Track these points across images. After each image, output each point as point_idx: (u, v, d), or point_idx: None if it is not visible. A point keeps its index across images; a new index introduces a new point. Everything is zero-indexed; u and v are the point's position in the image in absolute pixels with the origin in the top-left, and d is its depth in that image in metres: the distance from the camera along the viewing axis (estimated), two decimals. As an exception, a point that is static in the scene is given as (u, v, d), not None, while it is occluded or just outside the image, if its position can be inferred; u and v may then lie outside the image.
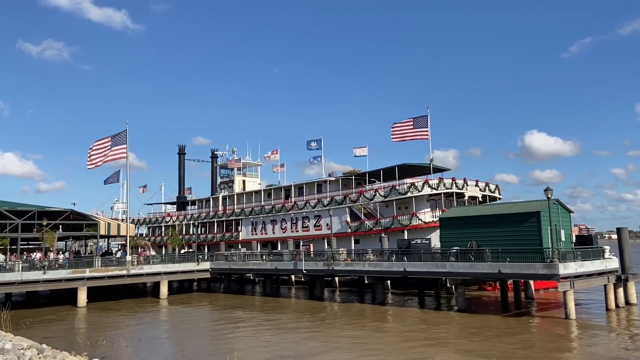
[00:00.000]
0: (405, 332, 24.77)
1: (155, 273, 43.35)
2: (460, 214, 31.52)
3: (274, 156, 63.71)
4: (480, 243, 29.37)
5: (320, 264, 37.68)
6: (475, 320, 27.20)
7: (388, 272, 33.22)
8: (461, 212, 31.77)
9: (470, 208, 31.69)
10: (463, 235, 30.43)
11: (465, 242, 30.19)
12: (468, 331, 24.46)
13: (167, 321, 33.23)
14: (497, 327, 25.45)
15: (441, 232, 32.68)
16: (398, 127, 50.88)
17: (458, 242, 30.47)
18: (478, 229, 29.78)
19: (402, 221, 45.39)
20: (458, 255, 29.38)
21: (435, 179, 45.81)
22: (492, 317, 28.14)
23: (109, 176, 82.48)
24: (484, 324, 25.96)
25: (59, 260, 40.84)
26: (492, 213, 29.69)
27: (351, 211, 50.30)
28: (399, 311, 32.22)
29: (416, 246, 32.30)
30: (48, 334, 26.53)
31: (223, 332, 26.72)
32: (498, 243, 28.12)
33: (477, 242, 29.49)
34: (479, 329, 24.80)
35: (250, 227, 61.30)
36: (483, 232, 29.53)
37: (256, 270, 43.00)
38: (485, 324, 25.96)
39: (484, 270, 28.06)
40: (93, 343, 23.45)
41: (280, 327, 27.35)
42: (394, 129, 51.03)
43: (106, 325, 29.71)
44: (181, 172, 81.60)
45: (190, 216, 71.60)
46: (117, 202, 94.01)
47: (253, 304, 37.91)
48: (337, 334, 24.94)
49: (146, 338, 25.40)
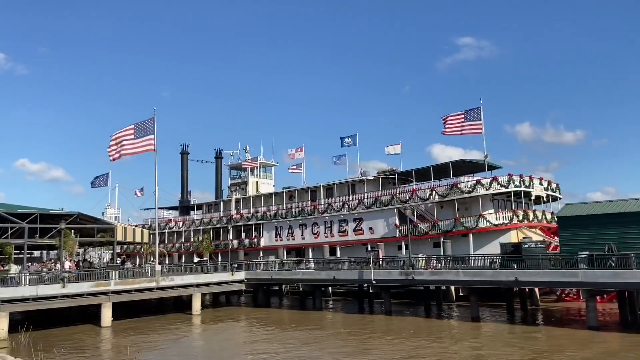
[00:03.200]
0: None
1: (187, 285, 37.08)
2: (588, 211, 26.54)
3: (298, 154, 57.82)
4: (620, 247, 24.41)
5: (395, 272, 32.14)
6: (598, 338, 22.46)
7: (492, 282, 27.92)
8: (587, 209, 26.82)
9: (598, 205, 26.85)
10: (594, 238, 25.44)
11: (595, 246, 25.16)
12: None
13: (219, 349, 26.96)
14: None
15: (561, 234, 27.64)
16: (450, 120, 46.03)
17: (586, 245, 25.42)
18: (617, 230, 24.84)
19: (465, 223, 40.28)
20: (594, 261, 24.29)
21: (505, 176, 40.87)
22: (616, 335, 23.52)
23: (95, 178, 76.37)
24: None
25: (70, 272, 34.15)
26: (637, 210, 24.71)
27: (400, 213, 44.92)
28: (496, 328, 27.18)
29: (530, 251, 27.11)
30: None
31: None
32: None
33: (616, 245, 24.50)
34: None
35: (273, 232, 55.24)
36: (624, 233, 24.58)
37: (307, 280, 37.10)
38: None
39: (636, 279, 22.98)
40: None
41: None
42: (446, 122, 46.16)
43: (143, 350, 23.82)
44: (184, 174, 74.64)
45: (199, 221, 65.05)
46: (109, 206, 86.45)
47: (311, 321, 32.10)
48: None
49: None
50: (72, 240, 34.85)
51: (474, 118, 45.40)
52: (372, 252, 34.67)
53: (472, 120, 45.41)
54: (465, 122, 45.56)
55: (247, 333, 29.39)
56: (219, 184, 75.82)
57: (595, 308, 25.26)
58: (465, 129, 45.24)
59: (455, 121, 45.84)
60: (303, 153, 57.79)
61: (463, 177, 44.07)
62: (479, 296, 29.26)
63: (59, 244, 34.09)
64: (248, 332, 29.74)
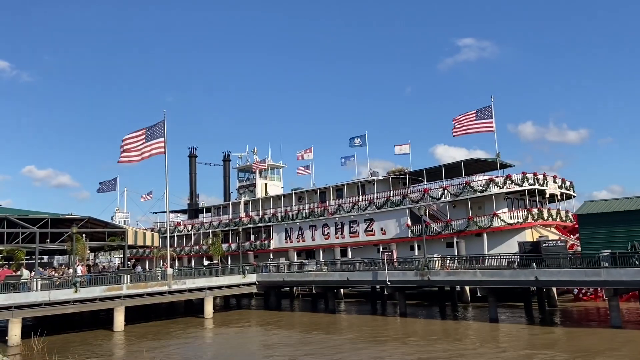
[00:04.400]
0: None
1: (199, 288, 36.71)
2: (609, 209, 25.97)
3: (307, 155, 57.36)
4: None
5: (410, 273, 31.63)
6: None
7: (510, 281, 27.37)
8: (608, 207, 26.25)
9: (618, 202, 26.28)
10: (615, 235, 24.88)
11: (617, 244, 24.62)
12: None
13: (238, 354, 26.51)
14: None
15: (581, 232, 27.09)
16: (461, 120, 45.51)
17: (608, 243, 24.88)
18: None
19: (479, 223, 39.73)
20: (617, 259, 23.73)
21: (519, 174, 40.30)
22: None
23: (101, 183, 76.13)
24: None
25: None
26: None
27: (412, 213, 44.42)
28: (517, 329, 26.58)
29: (549, 249, 26.56)
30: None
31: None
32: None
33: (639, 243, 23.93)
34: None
35: (283, 234, 54.83)
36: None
37: (320, 282, 36.63)
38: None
39: (662, 277, 22.41)
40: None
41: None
42: (456, 122, 45.61)
43: (161, 356, 23.46)
44: (192, 177, 74.37)
45: (208, 224, 64.72)
46: (118, 211, 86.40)
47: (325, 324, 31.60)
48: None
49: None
50: (83, 245, 34.50)
51: (485, 116, 44.88)
52: (386, 253, 34.12)
53: (483, 118, 44.92)
54: (476, 120, 45.08)
55: (264, 337, 28.87)
56: (227, 187, 75.53)
57: (619, 307, 24.67)
58: (477, 128, 44.73)
59: (466, 120, 45.33)
60: (312, 154, 57.32)
61: (475, 175, 43.59)
62: (497, 297, 28.73)
63: (70, 249, 33.74)
64: (264, 335, 29.22)
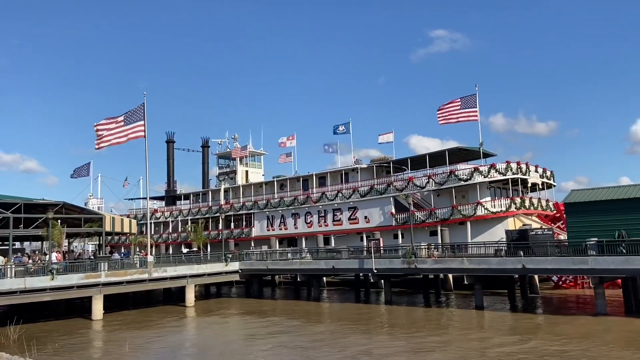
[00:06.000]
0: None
1: (181, 276, 35.88)
2: (596, 197, 26.05)
3: (289, 142, 56.63)
4: (629, 233, 24.02)
5: (396, 261, 31.41)
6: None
7: (498, 269, 27.38)
8: (595, 195, 26.33)
9: (605, 191, 26.39)
10: (602, 224, 25.01)
11: (604, 232, 24.76)
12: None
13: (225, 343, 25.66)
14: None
15: (568, 220, 27.18)
16: (445, 109, 45.39)
17: (594, 232, 25.00)
18: (626, 215, 24.42)
19: (463, 211, 39.78)
20: (604, 247, 23.86)
21: (503, 163, 40.39)
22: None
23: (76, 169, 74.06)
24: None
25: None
26: (650, 195, 24.29)
27: (396, 201, 44.25)
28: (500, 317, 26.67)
29: (537, 237, 26.59)
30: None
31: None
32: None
33: (626, 231, 24.11)
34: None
35: (265, 221, 54.18)
36: (634, 219, 24.15)
37: (305, 270, 36.18)
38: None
39: (649, 265, 22.60)
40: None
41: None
42: (440, 111, 45.48)
43: (144, 345, 22.73)
44: (170, 163, 72.84)
45: (187, 211, 63.59)
46: (91, 197, 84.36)
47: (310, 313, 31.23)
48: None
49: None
50: (59, 231, 33.30)
51: (470, 105, 44.90)
52: (373, 241, 33.85)
53: (468, 107, 44.90)
54: (461, 109, 45.02)
55: (248, 325, 28.20)
56: (206, 174, 74.34)
57: (604, 295, 24.87)
58: (462, 116, 44.68)
59: (452, 109, 45.22)
60: (295, 141, 56.63)
61: (459, 164, 43.60)
62: (483, 285, 28.75)
63: (45, 235, 32.53)
64: (248, 324, 28.55)
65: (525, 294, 32.89)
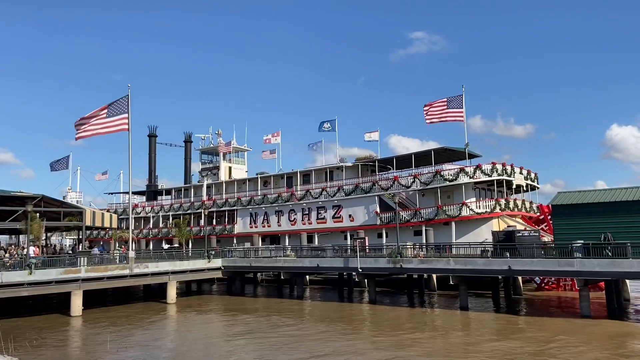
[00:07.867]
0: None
1: (162, 273, 35.24)
2: (582, 200, 26.18)
3: (274, 139, 56.14)
4: (615, 236, 24.20)
5: (382, 261, 31.26)
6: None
7: (484, 270, 27.38)
8: (581, 198, 26.47)
9: (592, 193, 26.56)
10: (588, 226, 25.15)
11: (590, 235, 24.88)
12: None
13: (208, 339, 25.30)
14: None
15: (555, 222, 27.30)
16: (431, 108, 45.37)
17: (580, 234, 25.12)
18: (612, 219, 24.59)
19: (448, 211, 39.83)
20: (590, 250, 24.00)
21: (488, 164, 40.53)
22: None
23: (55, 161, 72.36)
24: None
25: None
26: (636, 199, 24.45)
27: (381, 200, 44.14)
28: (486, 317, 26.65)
29: (523, 239, 26.66)
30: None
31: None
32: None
33: (612, 234, 24.27)
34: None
35: (248, 218, 53.64)
36: (619, 222, 24.35)
37: (289, 268, 35.82)
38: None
39: (632, 268, 22.78)
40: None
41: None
42: (427, 110, 45.44)
43: (126, 343, 22.19)
44: (152, 157, 71.74)
45: (168, 206, 62.69)
46: (70, 190, 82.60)
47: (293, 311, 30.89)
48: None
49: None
50: (39, 224, 32.36)
51: (456, 105, 44.96)
52: (358, 240, 33.63)
53: (454, 107, 44.96)
54: (447, 109, 45.05)
55: (231, 323, 27.76)
56: (188, 169, 73.37)
57: (589, 297, 25.03)
58: (448, 116, 44.71)
59: (438, 108, 45.24)
60: (280, 138, 56.17)
61: (445, 164, 43.67)
62: (468, 285, 28.74)
63: (24, 228, 31.58)
64: (231, 322, 28.11)
65: (509, 295, 33.01)
